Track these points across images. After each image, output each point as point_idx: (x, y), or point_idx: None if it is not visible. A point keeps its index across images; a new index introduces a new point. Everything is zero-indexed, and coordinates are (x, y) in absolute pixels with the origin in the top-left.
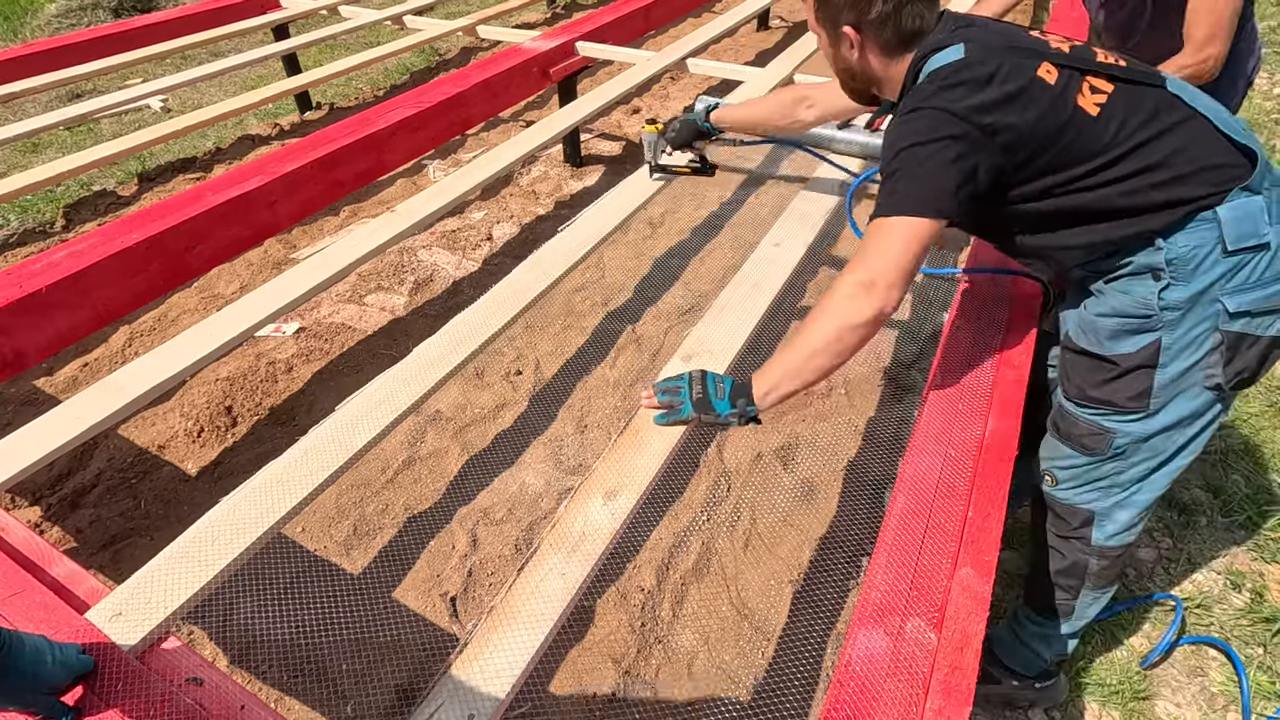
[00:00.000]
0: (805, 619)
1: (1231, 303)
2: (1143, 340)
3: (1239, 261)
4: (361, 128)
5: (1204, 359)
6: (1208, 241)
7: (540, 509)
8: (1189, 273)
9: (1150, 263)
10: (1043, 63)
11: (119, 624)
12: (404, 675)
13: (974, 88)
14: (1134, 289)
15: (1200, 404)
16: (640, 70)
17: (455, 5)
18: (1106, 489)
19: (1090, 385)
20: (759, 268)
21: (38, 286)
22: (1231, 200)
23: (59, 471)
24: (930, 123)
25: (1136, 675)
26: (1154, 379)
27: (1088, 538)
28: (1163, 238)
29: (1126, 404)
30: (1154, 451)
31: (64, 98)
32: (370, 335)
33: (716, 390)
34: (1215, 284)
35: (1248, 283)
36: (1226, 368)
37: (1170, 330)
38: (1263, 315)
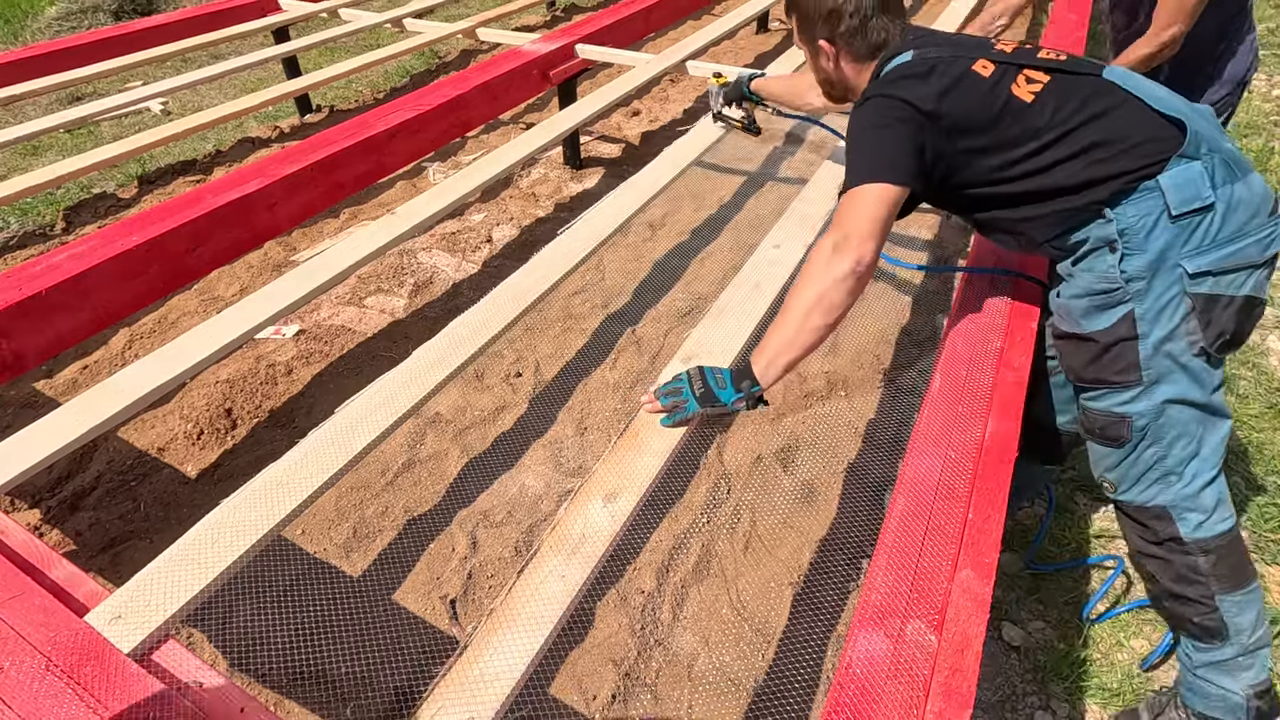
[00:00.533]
0: (805, 621)
1: (1190, 265)
2: (1115, 314)
3: (1188, 225)
4: (361, 130)
5: (1181, 324)
6: (1154, 209)
7: (540, 511)
8: (1141, 240)
9: (1104, 235)
10: (979, 59)
11: (118, 627)
12: (403, 678)
13: (916, 81)
14: (1096, 265)
15: (1195, 367)
16: (640, 73)
17: (455, 8)
18: (1163, 478)
19: (1081, 367)
20: (759, 269)
21: (38, 289)
22: (1171, 168)
23: (58, 474)
24: (879, 109)
25: (1137, 678)
26: (1138, 350)
27: (1177, 535)
28: (1110, 208)
29: (1118, 379)
30: (1181, 426)
31: (64, 100)
32: (370, 337)
33: (717, 381)
34: (1170, 249)
35: (1202, 244)
36: (1206, 330)
37: (1140, 300)
38: (1227, 274)
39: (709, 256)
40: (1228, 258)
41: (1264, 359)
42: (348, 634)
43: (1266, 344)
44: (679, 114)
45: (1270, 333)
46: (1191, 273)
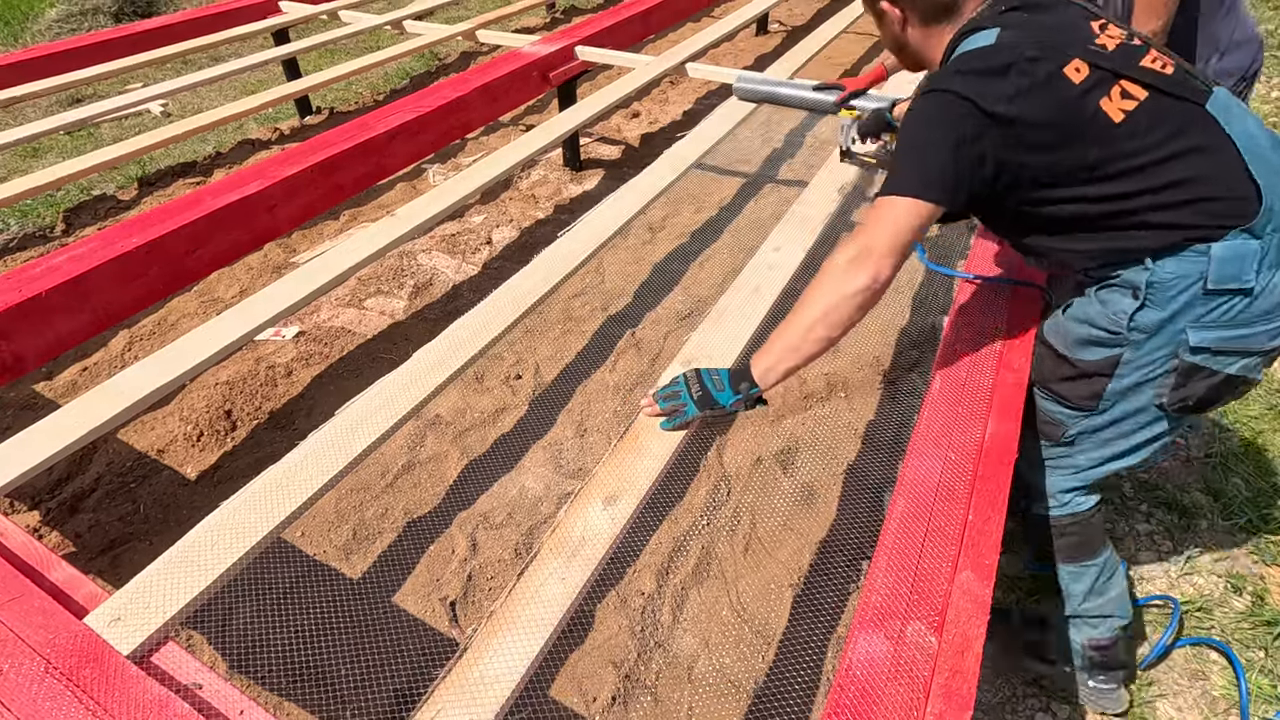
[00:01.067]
0: (806, 623)
1: (1195, 336)
2: (1105, 353)
3: (1214, 300)
4: (361, 132)
5: (1157, 379)
6: (1192, 274)
7: (540, 513)
8: (1165, 299)
9: (1134, 280)
10: (1073, 59)
11: (118, 629)
12: (403, 680)
13: (990, 76)
14: (1111, 301)
15: (1147, 417)
16: (640, 74)
17: (455, 10)
18: (1055, 470)
19: (1051, 378)
20: (759, 272)
21: (37, 290)
22: (1229, 239)
23: (58, 476)
24: (941, 105)
25: (1138, 679)
26: (1107, 386)
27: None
28: (1153, 259)
29: (1079, 402)
30: (1099, 446)
31: (64, 102)
32: (370, 339)
33: (715, 383)
34: (1184, 314)
35: (1217, 321)
36: (1174, 391)
37: (1134, 349)
38: (1222, 354)
39: (709, 259)
40: (1233, 340)
41: None
42: (347, 636)
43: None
44: (679, 116)
45: None
46: (1193, 345)
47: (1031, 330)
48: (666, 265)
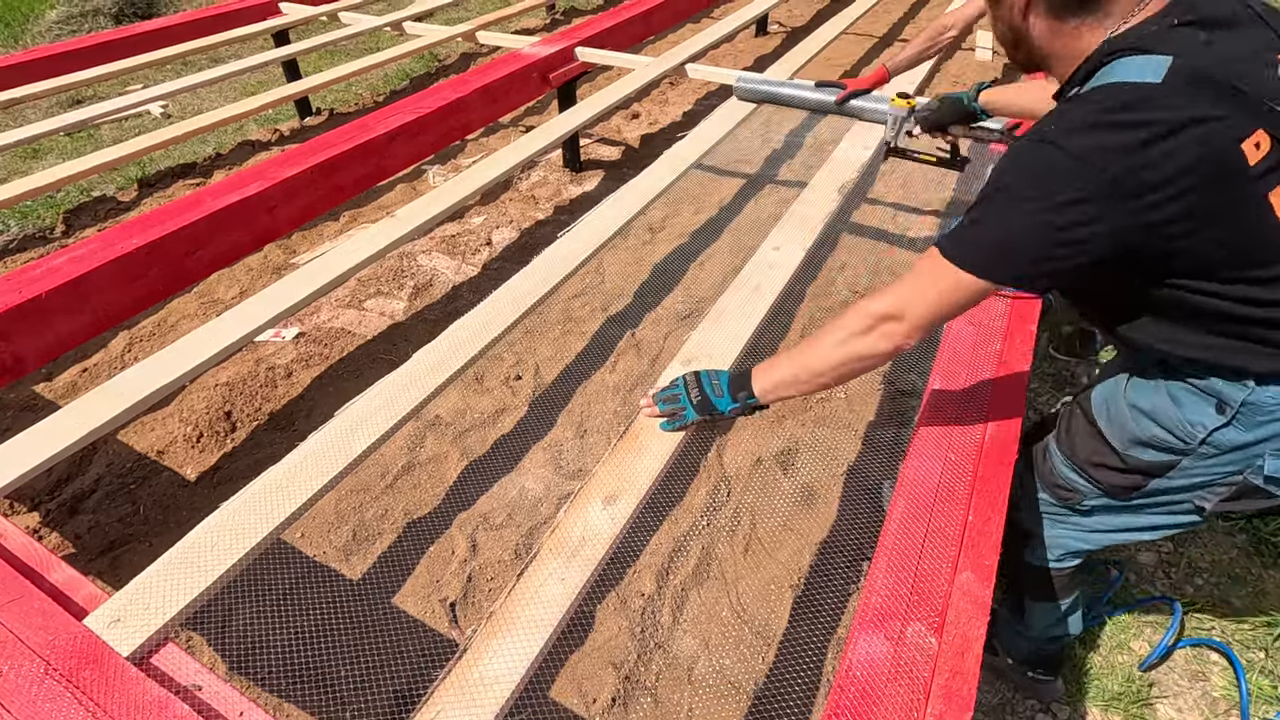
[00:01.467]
0: (806, 624)
1: (1272, 465)
2: (1163, 457)
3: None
4: (361, 133)
5: (1208, 486)
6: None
7: (540, 514)
8: (1255, 423)
9: (1226, 395)
10: (1257, 130)
11: (117, 630)
12: (403, 681)
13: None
14: (1188, 405)
15: (1179, 517)
16: (640, 75)
17: (455, 11)
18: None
19: (1086, 460)
20: (758, 272)
21: (37, 292)
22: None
23: (58, 477)
24: (1054, 170)
25: (1138, 680)
26: (1150, 484)
27: (1023, 553)
28: (1257, 381)
29: (1112, 490)
30: (1115, 527)
31: (65, 104)
32: (370, 340)
33: (714, 389)
34: (1269, 442)
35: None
36: (1222, 502)
37: (1197, 459)
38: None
39: (708, 259)
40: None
41: None
42: (347, 637)
43: None
44: (678, 117)
45: None
46: (1268, 474)
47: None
48: (666, 265)
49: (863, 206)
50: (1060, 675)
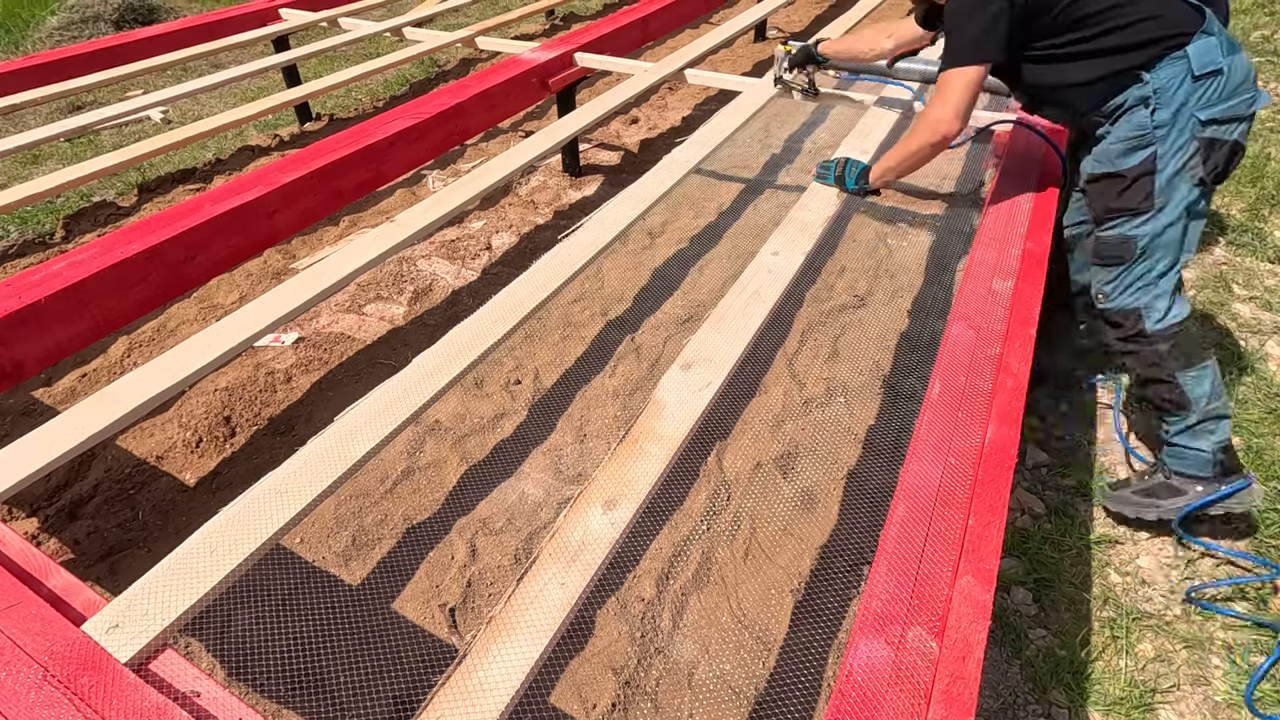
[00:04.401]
0: (806, 628)
1: (1202, 115)
2: (1143, 154)
3: (1203, 85)
4: (361, 138)
5: (1189, 161)
6: (1180, 72)
7: (539, 519)
8: (1169, 97)
9: (1141, 94)
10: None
11: (116, 636)
12: (403, 686)
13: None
14: (1133, 118)
15: (1192, 198)
16: (639, 81)
17: (455, 17)
18: (1144, 286)
19: (1110, 200)
20: (758, 276)
21: (37, 297)
22: (1196, 40)
23: (57, 483)
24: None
25: (1139, 685)
26: (1154, 182)
27: (1144, 330)
28: (1147, 72)
29: (1139, 205)
30: (1167, 247)
31: (64, 109)
32: (369, 345)
33: (850, 173)
34: (1188, 103)
35: (1212, 100)
36: (1204, 165)
37: (1162, 143)
38: (1226, 123)
39: (708, 264)
40: (1227, 110)
41: (1263, 364)
42: (347, 643)
43: (1265, 349)
44: (678, 122)
45: (1269, 338)
46: (1203, 120)
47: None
48: (666, 270)
49: (862, 211)
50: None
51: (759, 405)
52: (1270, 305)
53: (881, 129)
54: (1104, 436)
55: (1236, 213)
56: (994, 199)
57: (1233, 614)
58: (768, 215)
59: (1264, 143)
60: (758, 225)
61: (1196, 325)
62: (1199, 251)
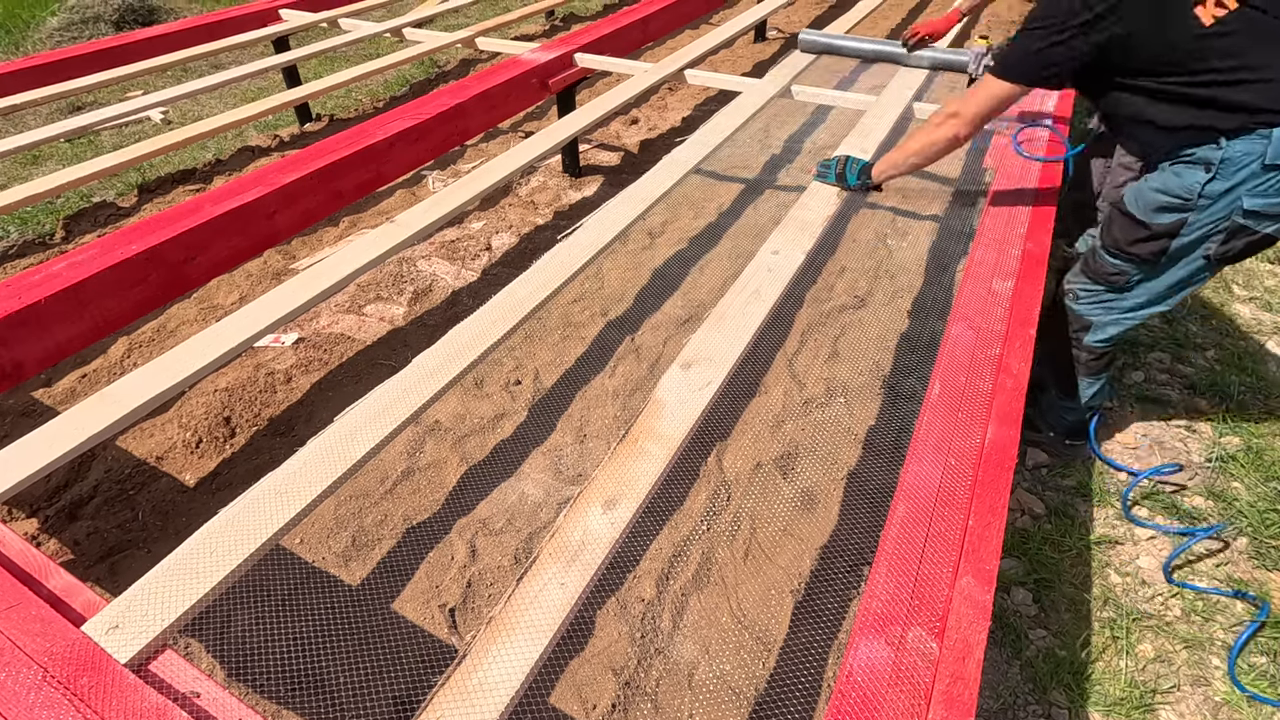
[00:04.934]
0: (806, 629)
1: (1249, 203)
2: (1175, 217)
3: (1269, 175)
4: (361, 139)
5: (1211, 237)
6: (1255, 152)
7: (539, 519)
8: (1231, 173)
9: (1208, 157)
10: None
11: (115, 637)
12: (402, 687)
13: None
14: (1186, 175)
15: (1194, 269)
16: (639, 81)
17: (455, 18)
18: (1106, 309)
19: (1124, 241)
20: (758, 276)
21: (37, 298)
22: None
23: (56, 483)
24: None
25: (1140, 686)
26: (1171, 245)
27: (1081, 339)
28: (1226, 139)
29: (1147, 257)
30: (1149, 294)
31: (65, 110)
32: (369, 345)
33: (850, 169)
34: (1243, 185)
35: (1267, 191)
36: (1220, 246)
37: (1198, 213)
38: (1267, 218)
39: (708, 264)
40: (1275, 205)
41: (1262, 365)
42: (346, 643)
43: (1265, 350)
44: (678, 122)
45: (1269, 339)
46: (1246, 209)
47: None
48: (666, 270)
49: (861, 210)
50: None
51: (759, 405)
52: (1270, 306)
53: (882, 129)
54: (1104, 438)
55: None
56: (994, 200)
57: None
58: (768, 215)
59: None
60: (758, 225)
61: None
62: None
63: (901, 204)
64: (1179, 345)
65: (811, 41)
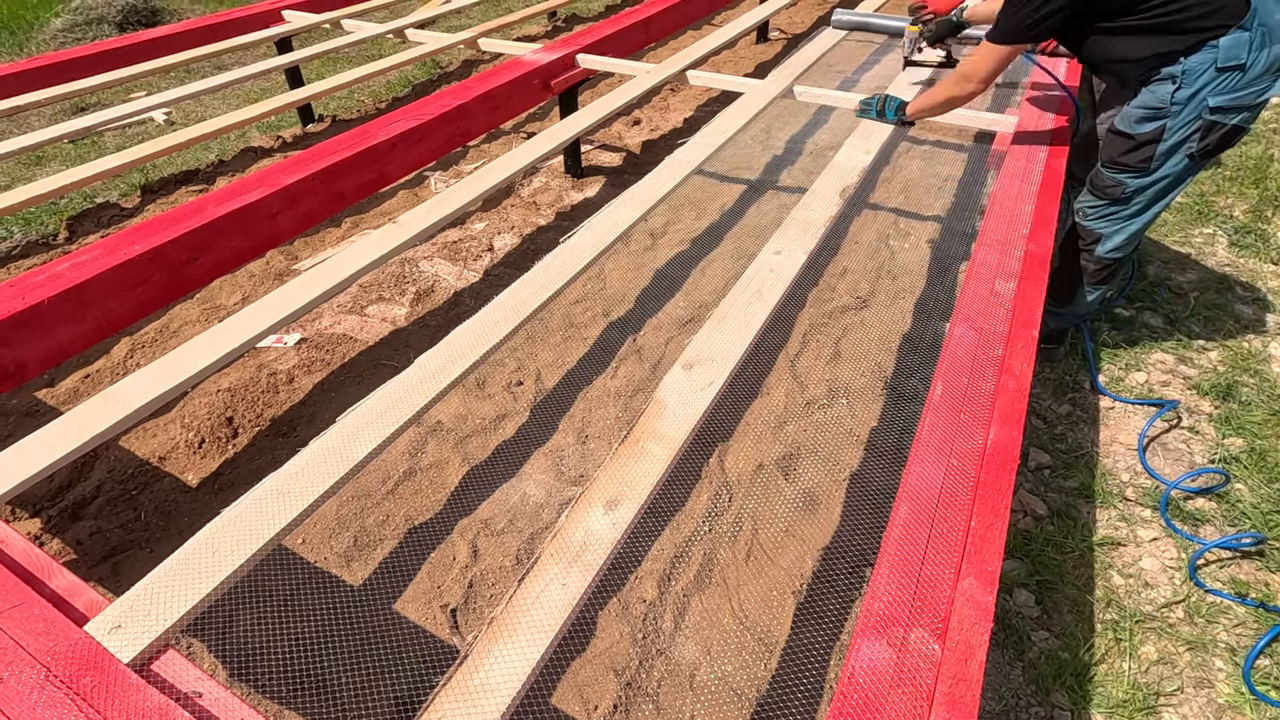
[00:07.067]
0: (808, 630)
1: (1212, 101)
2: (1155, 124)
3: (1224, 76)
4: (363, 140)
5: (1189, 138)
6: (1208, 61)
7: (541, 520)
8: (1193, 80)
9: (1172, 72)
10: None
11: (118, 636)
12: (404, 687)
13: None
14: (1158, 89)
15: (1181, 168)
16: (641, 82)
17: (457, 19)
18: (1111, 220)
19: (1117, 154)
20: (760, 277)
21: (40, 298)
22: (1230, 35)
23: (59, 483)
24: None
25: (1143, 688)
26: (1156, 149)
27: (1093, 250)
28: (1184, 56)
29: (1137, 165)
30: (1148, 198)
31: (68, 111)
32: (371, 346)
33: (889, 106)
34: (1205, 88)
35: (1225, 89)
36: (1199, 142)
37: (1173, 118)
38: (1230, 111)
39: (710, 265)
40: (1235, 100)
41: (1266, 366)
42: (348, 643)
43: (1268, 351)
44: (679, 123)
45: (1272, 340)
46: (1211, 106)
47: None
48: (668, 271)
49: (864, 212)
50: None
51: (761, 406)
52: (1273, 307)
53: (884, 130)
54: (1106, 439)
55: (1240, 214)
56: (996, 200)
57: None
58: (770, 215)
59: (1266, 144)
60: (759, 225)
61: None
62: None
63: (904, 205)
64: (1182, 346)
65: (845, 20)
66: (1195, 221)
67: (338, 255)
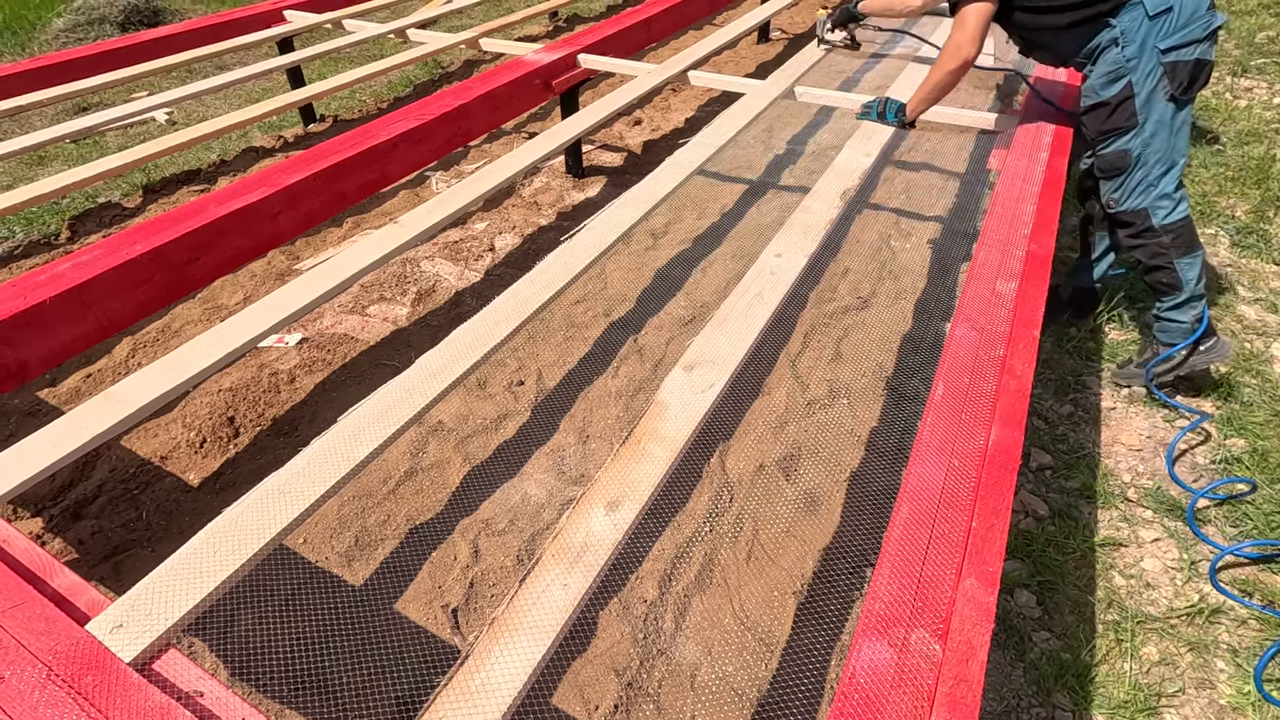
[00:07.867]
0: (809, 631)
1: (1162, 45)
2: (1120, 84)
3: (1159, 21)
4: (364, 140)
5: (1159, 83)
6: (1139, 15)
7: (542, 520)
8: (1133, 35)
9: (1112, 37)
10: None
11: (119, 636)
12: (405, 687)
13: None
14: (1107, 57)
15: (1169, 111)
16: (642, 82)
17: (458, 19)
18: (1144, 190)
19: (1101, 124)
20: (761, 278)
21: (42, 298)
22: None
23: (61, 483)
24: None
25: (1144, 689)
26: (1134, 104)
27: (1152, 226)
28: (1113, 18)
29: (1126, 124)
30: (1156, 151)
31: (70, 111)
32: (373, 346)
33: (890, 108)
34: (1149, 38)
35: (1167, 32)
36: (1173, 83)
37: (1134, 72)
38: (1183, 47)
39: (711, 265)
40: (1182, 37)
41: (1268, 367)
42: (349, 643)
43: (1270, 352)
44: (681, 123)
45: (1274, 340)
46: (1163, 49)
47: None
48: (669, 271)
49: (865, 213)
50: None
51: (762, 406)
52: (1275, 307)
53: (884, 132)
54: (1108, 439)
55: (1241, 214)
56: (998, 200)
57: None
58: (771, 216)
59: (1269, 144)
60: (761, 226)
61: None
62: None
63: (905, 205)
64: None
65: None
66: (1197, 221)
67: (339, 255)
